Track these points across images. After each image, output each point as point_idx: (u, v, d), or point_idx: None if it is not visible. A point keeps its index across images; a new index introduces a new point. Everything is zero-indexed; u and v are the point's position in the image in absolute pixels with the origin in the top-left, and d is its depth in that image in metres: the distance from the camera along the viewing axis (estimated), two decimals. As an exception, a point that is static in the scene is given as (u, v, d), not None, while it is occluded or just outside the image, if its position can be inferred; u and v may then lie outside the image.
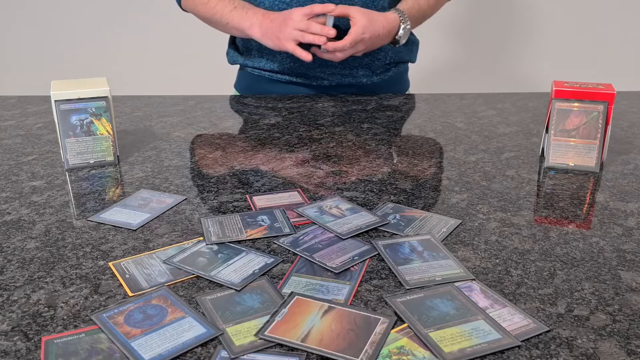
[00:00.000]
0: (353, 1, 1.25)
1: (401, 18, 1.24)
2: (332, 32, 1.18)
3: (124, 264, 0.68)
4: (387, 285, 0.64)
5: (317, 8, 1.18)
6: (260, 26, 1.22)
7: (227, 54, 1.43)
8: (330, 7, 1.18)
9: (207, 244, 0.72)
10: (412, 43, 1.42)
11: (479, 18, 2.47)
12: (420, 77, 1.64)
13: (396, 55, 1.36)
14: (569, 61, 2.48)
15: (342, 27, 1.22)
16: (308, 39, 1.17)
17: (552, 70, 2.47)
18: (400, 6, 1.27)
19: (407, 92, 1.47)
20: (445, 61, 2.49)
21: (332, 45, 1.18)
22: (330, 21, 1.19)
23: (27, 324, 0.59)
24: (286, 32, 1.18)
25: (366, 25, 1.18)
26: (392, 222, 0.78)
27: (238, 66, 1.46)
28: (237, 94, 1.44)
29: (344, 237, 0.74)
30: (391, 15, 1.23)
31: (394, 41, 1.27)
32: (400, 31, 1.25)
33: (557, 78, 1.07)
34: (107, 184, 0.91)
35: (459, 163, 0.98)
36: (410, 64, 1.48)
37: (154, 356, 0.53)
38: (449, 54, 2.50)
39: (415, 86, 1.52)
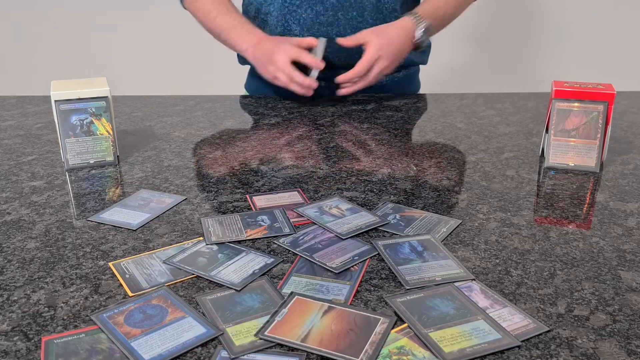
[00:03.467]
0: (363, 4, 1.24)
1: (414, 20, 1.21)
2: (321, 65, 1.17)
3: (124, 264, 0.68)
4: (387, 285, 0.64)
5: (305, 57, 1.17)
6: (253, 53, 1.23)
7: (237, 54, 1.43)
8: (319, 49, 1.17)
9: (207, 244, 0.72)
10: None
11: (480, 18, 2.47)
12: (429, 78, 1.64)
13: (406, 58, 1.35)
14: (569, 61, 2.48)
15: (335, 61, 1.23)
16: (294, 88, 1.18)
17: (552, 70, 2.47)
18: (416, 9, 1.24)
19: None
20: (452, 63, 2.49)
21: (343, 77, 1.18)
22: (322, 44, 1.17)
23: (27, 324, 0.59)
24: (272, 73, 1.19)
25: (378, 43, 1.17)
26: (392, 222, 0.78)
27: (248, 66, 1.46)
28: (247, 94, 1.44)
29: (344, 237, 0.74)
30: (403, 22, 1.21)
31: (416, 46, 1.24)
32: (418, 33, 1.22)
33: (557, 78, 1.07)
34: (107, 184, 0.91)
35: (459, 163, 0.98)
36: (421, 66, 1.47)
37: (154, 356, 0.53)
38: (454, 56, 2.50)
39: (427, 87, 1.51)
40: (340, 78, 1.19)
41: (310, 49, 1.20)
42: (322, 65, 1.18)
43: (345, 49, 1.25)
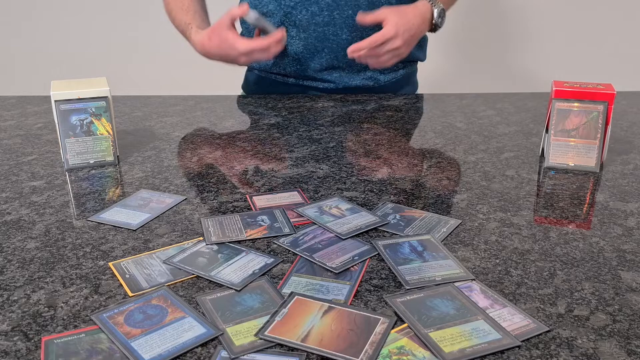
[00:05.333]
0: (358, 1, 1.24)
1: (431, 1, 1.23)
2: (279, 34, 1.17)
3: (124, 264, 0.68)
4: (387, 285, 0.64)
5: (236, 11, 1.17)
6: (207, 53, 1.24)
7: None
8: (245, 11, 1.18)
9: (207, 244, 0.72)
10: (422, 39, 1.41)
11: (480, 18, 2.47)
12: (427, 78, 1.64)
13: None
14: (569, 61, 2.48)
15: (334, 63, 1.23)
16: (256, 57, 1.19)
17: (552, 70, 2.47)
18: None
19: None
20: (451, 63, 2.48)
21: (354, 46, 1.17)
22: (252, 14, 1.18)
23: (27, 324, 0.59)
24: (236, 59, 1.21)
25: (397, 22, 1.16)
26: (392, 222, 0.78)
27: (245, 67, 1.46)
28: (244, 94, 1.45)
29: (344, 237, 0.74)
30: (420, 4, 1.22)
31: (433, 27, 1.25)
32: (435, 14, 1.23)
33: (557, 78, 1.07)
34: (107, 184, 0.91)
35: (459, 163, 0.98)
36: (419, 64, 1.47)
37: (154, 356, 0.53)
38: (453, 56, 2.50)
39: (426, 88, 1.51)
40: (351, 47, 1.17)
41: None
42: (280, 33, 1.18)
43: (344, 56, 1.26)
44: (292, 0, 1.24)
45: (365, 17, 1.19)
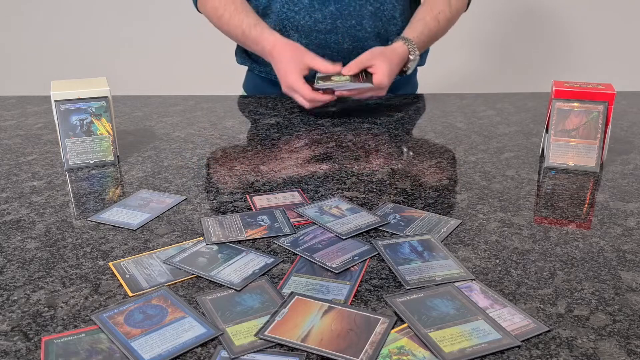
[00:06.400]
0: (362, 12, 1.24)
1: (410, 49, 1.21)
2: (332, 69, 1.15)
3: (124, 264, 0.68)
4: (387, 285, 0.64)
5: (320, 65, 1.15)
6: (271, 58, 1.22)
7: (235, 53, 1.43)
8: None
9: (207, 244, 0.72)
10: None
11: (479, 19, 2.47)
12: (428, 79, 1.64)
13: None
14: (569, 61, 2.48)
15: None
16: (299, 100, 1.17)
17: (552, 70, 2.48)
18: (409, 34, 1.23)
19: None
20: (451, 63, 2.48)
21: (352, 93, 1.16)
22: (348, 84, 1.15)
23: (27, 324, 0.59)
24: (291, 94, 1.19)
25: (388, 72, 1.15)
26: (392, 222, 0.78)
27: (246, 67, 1.46)
28: (245, 94, 1.44)
29: (344, 237, 0.74)
30: (401, 49, 1.20)
31: (402, 72, 1.24)
32: (409, 63, 1.22)
33: (557, 78, 1.07)
34: (107, 184, 0.91)
35: (459, 163, 0.98)
36: (418, 67, 1.46)
37: (154, 356, 0.53)
38: (453, 57, 2.50)
39: (426, 88, 1.51)
40: (351, 93, 1.16)
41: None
42: (335, 69, 1.15)
43: (344, 64, 1.25)
44: (296, 5, 1.24)
45: (352, 67, 1.15)
